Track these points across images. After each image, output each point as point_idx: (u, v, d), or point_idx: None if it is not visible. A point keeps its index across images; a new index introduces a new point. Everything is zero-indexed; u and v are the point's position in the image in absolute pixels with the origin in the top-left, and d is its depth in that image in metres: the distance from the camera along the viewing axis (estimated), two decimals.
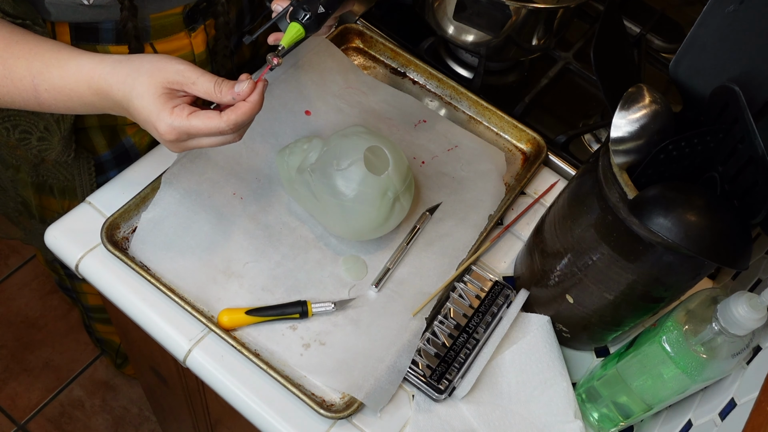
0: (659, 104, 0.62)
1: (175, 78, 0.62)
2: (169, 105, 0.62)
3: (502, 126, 0.97)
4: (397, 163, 0.76)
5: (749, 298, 0.57)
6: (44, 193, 0.94)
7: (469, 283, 0.80)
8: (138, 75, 0.62)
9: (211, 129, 0.62)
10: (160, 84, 0.61)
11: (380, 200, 0.74)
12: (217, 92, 0.62)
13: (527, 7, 0.89)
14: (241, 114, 0.62)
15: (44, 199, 0.96)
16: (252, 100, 0.62)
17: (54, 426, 1.60)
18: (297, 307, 0.74)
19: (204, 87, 0.62)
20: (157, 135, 0.63)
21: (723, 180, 0.61)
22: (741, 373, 0.64)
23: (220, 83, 0.62)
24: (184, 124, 0.61)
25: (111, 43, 0.79)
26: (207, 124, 0.61)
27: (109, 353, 1.57)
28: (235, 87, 0.62)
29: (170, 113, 0.61)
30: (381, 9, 1.08)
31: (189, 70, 0.62)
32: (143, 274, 0.73)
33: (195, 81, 0.62)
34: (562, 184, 0.94)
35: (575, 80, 1.08)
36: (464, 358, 0.75)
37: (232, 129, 0.62)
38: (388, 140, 0.78)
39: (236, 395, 0.70)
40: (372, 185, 0.73)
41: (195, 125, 0.61)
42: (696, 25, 0.63)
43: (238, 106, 0.62)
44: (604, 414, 0.73)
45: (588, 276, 0.69)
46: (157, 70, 0.62)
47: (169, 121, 0.61)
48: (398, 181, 0.75)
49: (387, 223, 0.77)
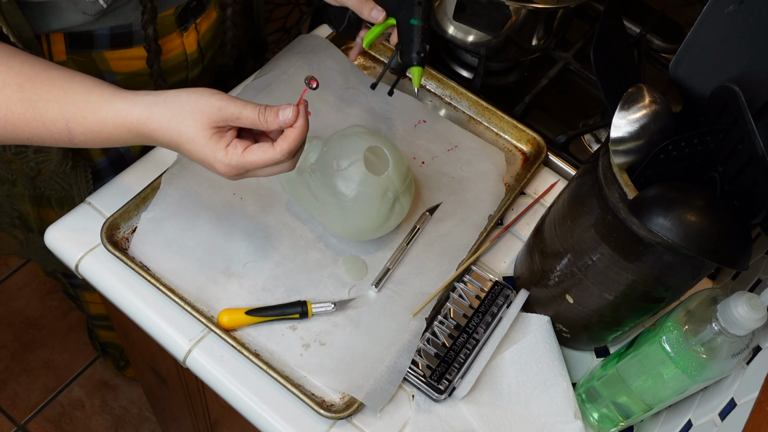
0: (659, 104, 0.62)
1: (219, 116, 0.62)
2: (221, 144, 0.62)
3: (502, 126, 0.97)
4: (397, 164, 0.76)
5: (749, 298, 0.57)
6: (42, 206, 0.94)
7: (469, 283, 0.80)
8: (182, 119, 0.62)
9: (267, 161, 0.62)
10: (206, 125, 0.61)
11: (380, 200, 0.74)
12: (262, 121, 0.62)
13: (527, 7, 0.89)
14: (292, 141, 0.63)
15: (43, 212, 0.95)
16: (298, 125, 0.63)
17: (54, 426, 1.60)
18: (297, 308, 0.74)
19: (249, 119, 0.62)
20: (216, 172, 0.64)
21: (723, 180, 0.61)
22: (741, 373, 0.64)
23: (263, 112, 0.62)
24: (240, 161, 0.62)
25: (106, 48, 0.79)
26: (262, 158, 0.62)
27: (111, 355, 1.56)
28: (280, 115, 0.62)
29: (225, 153, 0.62)
30: None
31: (230, 105, 0.62)
32: (143, 274, 0.73)
33: (239, 116, 0.62)
34: (562, 184, 0.94)
35: (575, 80, 1.08)
36: (464, 359, 0.75)
37: (287, 157, 0.63)
38: (388, 140, 0.78)
39: (236, 395, 0.70)
40: (372, 185, 0.73)
41: (251, 160, 0.62)
42: (696, 25, 0.63)
43: (287, 134, 0.63)
44: (604, 414, 0.73)
45: (588, 276, 0.69)
46: (199, 112, 0.61)
47: (226, 161, 0.62)
48: (398, 182, 0.75)
49: (387, 223, 0.77)
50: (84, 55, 0.79)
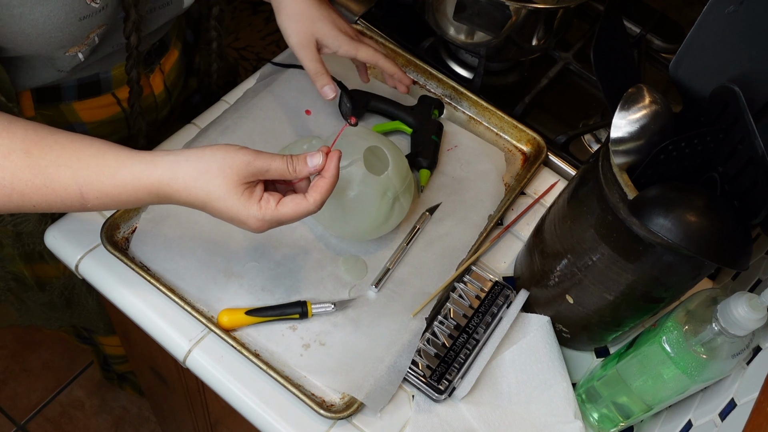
0: (659, 104, 0.62)
1: (248, 171, 0.60)
2: (254, 200, 0.61)
3: (502, 126, 0.97)
4: (397, 164, 0.76)
5: (749, 299, 0.57)
6: (35, 262, 0.92)
7: (469, 284, 0.80)
8: (209, 177, 0.60)
9: (300, 213, 0.62)
10: (237, 182, 0.60)
11: (380, 200, 0.74)
12: (291, 171, 0.62)
13: (527, 8, 0.89)
14: (324, 192, 0.62)
15: (37, 268, 0.93)
16: (329, 175, 0.62)
17: (54, 426, 1.60)
18: (297, 308, 0.73)
19: (278, 171, 0.61)
20: (246, 228, 0.63)
21: (723, 180, 0.61)
22: (741, 373, 0.64)
23: (292, 162, 0.62)
24: (275, 216, 0.61)
25: (74, 99, 0.78)
26: (297, 210, 0.62)
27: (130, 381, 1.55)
28: (309, 162, 0.62)
29: (259, 208, 0.61)
30: (381, 9, 1.08)
31: (258, 159, 0.61)
32: (143, 274, 0.73)
33: (268, 168, 0.61)
34: (562, 184, 0.94)
35: (575, 80, 1.08)
36: (464, 359, 0.75)
37: (319, 207, 0.63)
38: (388, 140, 0.78)
39: (236, 395, 0.70)
40: (372, 185, 0.73)
41: (285, 214, 0.62)
42: (696, 25, 0.63)
43: (319, 185, 0.62)
44: (604, 414, 0.73)
45: (588, 276, 0.69)
46: (228, 168, 0.60)
47: (260, 216, 0.61)
48: (398, 182, 0.75)
49: (387, 223, 0.77)
50: (52, 108, 0.78)
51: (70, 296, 1.00)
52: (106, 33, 0.70)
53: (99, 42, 0.70)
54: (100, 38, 0.69)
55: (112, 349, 1.28)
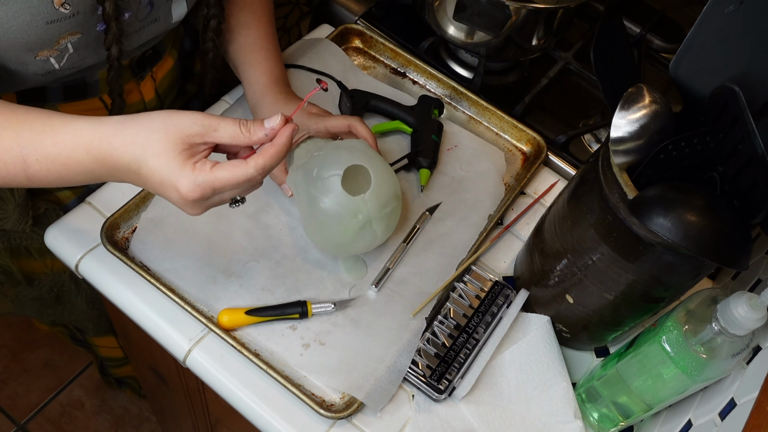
0: (659, 104, 0.62)
1: (194, 129, 0.56)
2: (190, 162, 0.56)
3: (502, 126, 0.97)
4: (379, 190, 0.72)
5: (749, 298, 0.57)
6: (22, 257, 0.90)
7: (469, 283, 0.80)
8: (150, 132, 0.56)
9: (239, 178, 0.57)
10: (178, 139, 0.56)
11: (349, 220, 0.71)
12: (244, 132, 0.57)
13: (527, 7, 0.89)
14: (269, 158, 0.57)
15: (24, 263, 0.91)
16: (278, 142, 0.58)
17: (54, 426, 1.60)
18: (297, 308, 0.74)
19: (228, 131, 0.57)
20: (177, 196, 0.57)
21: (723, 180, 0.61)
22: (741, 373, 0.64)
23: (246, 123, 0.58)
24: (209, 178, 0.56)
25: (59, 101, 0.77)
26: (234, 174, 0.57)
27: (129, 385, 1.54)
28: (266, 123, 0.58)
29: (192, 169, 0.56)
30: (381, 9, 1.08)
31: (206, 117, 0.57)
32: (143, 274, 0.73)
33: (216, 127, 0.57)
34: (562, 184, 0.94)
35: (575, 80, 1.08)
36: (464, 358, 0.75)
37: (262, 175, 0.58)
38: (384, 163, 0.75)
39: (236, 395, 0.70)
40: (343, 203, 0.71)
41: (221, 177, 0.56)
42: (696, 25, 0.63)
43: (265, 150, 0.58)
44: (604, 414, 0.73)
45: (588, 276, 0.69)
46: (172, 125, 0.56)
47: (192, 178, 0.56)
48: (373, 207, 0.72)
49: (352, 245, 0.74)
50: None
51: (60, 293, 0.99)
52: (85, 44, 0.67)
53: (76, 51, 0.67)
54: (75, 47, 0.66)
55: (107, 351, 1.27)
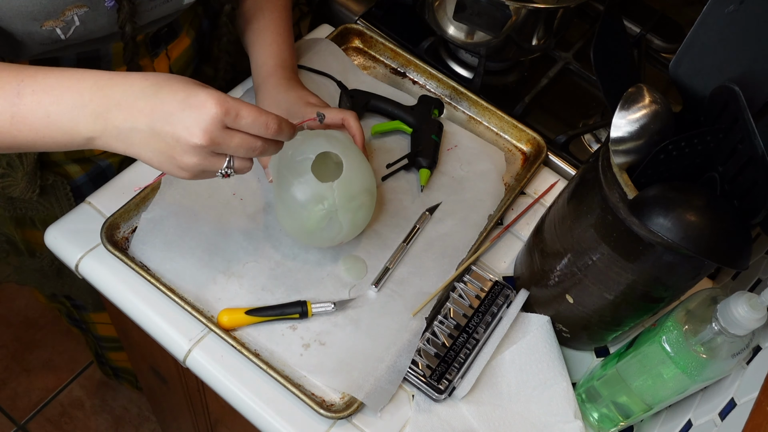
0: (659, 104, 0.62)
1: None
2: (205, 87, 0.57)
3: (502, 126, 0.97)
4: (349, 181, 0.71)
5: (749, 298, 0.57)
6: (26, 227, 0.91)
7: (469, 283, 0.80)
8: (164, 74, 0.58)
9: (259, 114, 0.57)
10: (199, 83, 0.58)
11: (313, 206, 0.70)
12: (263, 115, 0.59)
13: (527, 7, 0.89)
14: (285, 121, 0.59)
15: (27, 233, 0.92)
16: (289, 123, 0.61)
17: (54, 426, 1.60)
18: (297, 307, 0.74)
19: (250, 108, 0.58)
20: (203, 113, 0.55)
21: (723, 180, 0.61)
22: (741, 373, 0.64)
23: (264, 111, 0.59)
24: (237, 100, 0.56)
25: None
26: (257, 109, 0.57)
27: (126, 379, 1.53)
28: None
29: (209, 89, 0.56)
30: (381, 9, 1.08)
31: None
32: (143, 274, 0.73)
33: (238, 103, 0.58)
34: (562, 184, 0.94)
35: (575, 80, 1.08)
36: (464, 358, 0.75)
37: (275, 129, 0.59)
38: (361, 157, 0.74)
39: (236, 395, 0.70)
40: (311, 188, 0.70)
41: (246, 104, 0.57)
42: (696, 25, 0.63)
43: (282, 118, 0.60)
44: (604, 414, 0.73)
45: (588, 276, 0.69)
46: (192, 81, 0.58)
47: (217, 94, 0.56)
48: (340, 198, 0.71)
49: (316, 235, 0.73)
50: None
51: (61, 267, 1.00)
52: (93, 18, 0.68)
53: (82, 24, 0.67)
54: (81, 20, 0.67)
55: (103, 329, 1.24)
